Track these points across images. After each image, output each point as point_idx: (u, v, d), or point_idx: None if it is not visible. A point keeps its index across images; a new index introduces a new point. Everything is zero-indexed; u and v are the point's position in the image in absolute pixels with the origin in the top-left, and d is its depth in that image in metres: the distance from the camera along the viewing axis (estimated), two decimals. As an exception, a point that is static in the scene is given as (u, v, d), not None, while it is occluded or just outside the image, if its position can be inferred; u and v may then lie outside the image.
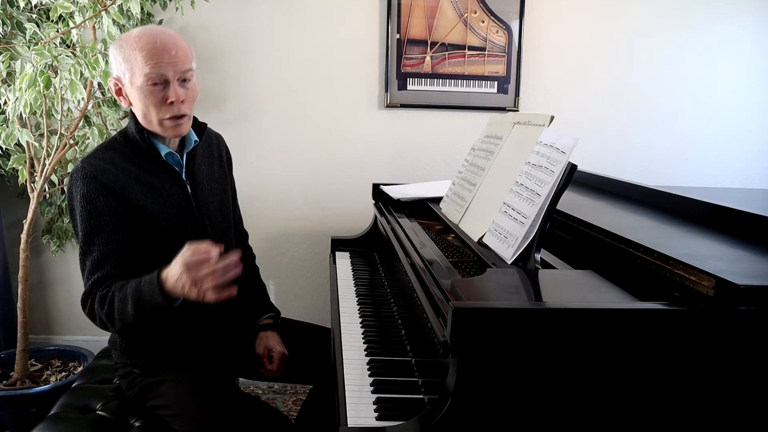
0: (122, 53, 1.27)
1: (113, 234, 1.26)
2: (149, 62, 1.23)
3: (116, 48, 1.28)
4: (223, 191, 1.52)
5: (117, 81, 1.31)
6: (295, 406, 2.32)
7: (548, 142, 1.15)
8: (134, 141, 1.33)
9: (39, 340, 2.53)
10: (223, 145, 1.59)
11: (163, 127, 1.30)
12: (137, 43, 1.25)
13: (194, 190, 1.40)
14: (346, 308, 1.49)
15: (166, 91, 1.26)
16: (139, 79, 1.25)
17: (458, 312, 0.81)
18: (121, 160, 1.31)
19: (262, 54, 2.42)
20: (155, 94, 1.26)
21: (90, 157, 1.30)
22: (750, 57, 2.57)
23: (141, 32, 1.27)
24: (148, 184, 1.32)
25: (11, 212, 2.44)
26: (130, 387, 1.39)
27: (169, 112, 1.28)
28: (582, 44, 2.51)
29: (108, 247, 1.25)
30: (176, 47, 1.26)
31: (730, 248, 1.06)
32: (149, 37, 1.25)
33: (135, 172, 1.31)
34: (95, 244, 1.25)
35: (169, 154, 1.36)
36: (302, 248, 2.57)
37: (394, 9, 2.39)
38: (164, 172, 1.36)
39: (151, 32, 1.27)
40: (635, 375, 0.84)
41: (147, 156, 1.34)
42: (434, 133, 2.52)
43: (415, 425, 0.82)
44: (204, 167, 1.46)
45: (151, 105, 1.27)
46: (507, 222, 1.17)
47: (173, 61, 1.25)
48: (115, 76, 1.31)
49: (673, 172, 2.63)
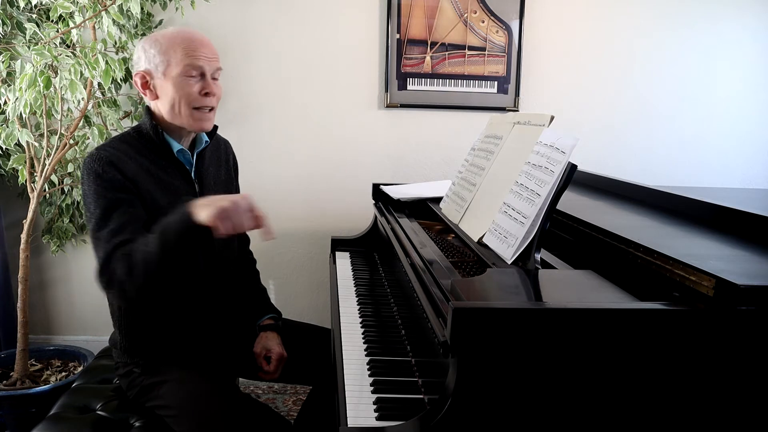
0: (158, 46, 1.32)
1: (129, 208, 1.26)
2: (190, 54, 1.31)
3: (149, 42, 1.33)
4: (228, 194, 1.53)
5: (146, 74, 1.35)
6: (295, 406, 2.32)
7: (548, 142, 1.15)
8: (147, 136, 1.35)
9: (39, 340, 2.53)
10: (230, 151, 1.62)
11: (193, 118, 1.34)
12: (176, 37, 1.32)
13: (202, 189, 1.42)
14: (346, 308, 1.49)
15: (202, 83, 1.34)
16: (176, 69, 1.31)
17: (458, 312, 0.81)
18: (134, 153, 1.33)
19: (262, 54, 2.42)
20: (192, 84, 1.33)
21: (104, 146, 1.31)
22: (750, 57, 2.57)
23: (178, 29, 1.36)
24: (159, 178, 1.33)
25: (11, 212, 2.44)
26: (131, 387, 1.39)
27: (202, 102, 1.34)
28: (582, 44, 2.51)
29: (125, 218, 1.25)
30: (210, 46, 1.36)
31: (730, 248, 1.06)
32: (188, 34, 1.34)
33: (147, 166, 1.33)
34: (112, 218, 1.24)
35: (181, 152, 1.38)
36: (302, 248, 2.57)
37: (394, 9, 2.39)
38: (175, 169, 1.37)
39: (188, 30, 1.37)
40: (635, 375, 0.84)
41: (159, 151, 1.36)
42: (434, 133, 2.52)
43: (415, 425, 0.82)
44: (212, 169, 1.48)
45: (186, 95, 1.32)
46: (507, 222, 1.17)
47: (210, 57, 1.35)
48: (143, 70, 1.34)
49: (673, 172, 2.63)
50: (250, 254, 1.69)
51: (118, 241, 1.21)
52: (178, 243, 1.16)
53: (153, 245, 1.16)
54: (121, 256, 1.19)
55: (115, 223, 1.23)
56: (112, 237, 1.22)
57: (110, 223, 1.24)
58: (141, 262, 1.17)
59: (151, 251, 1.16)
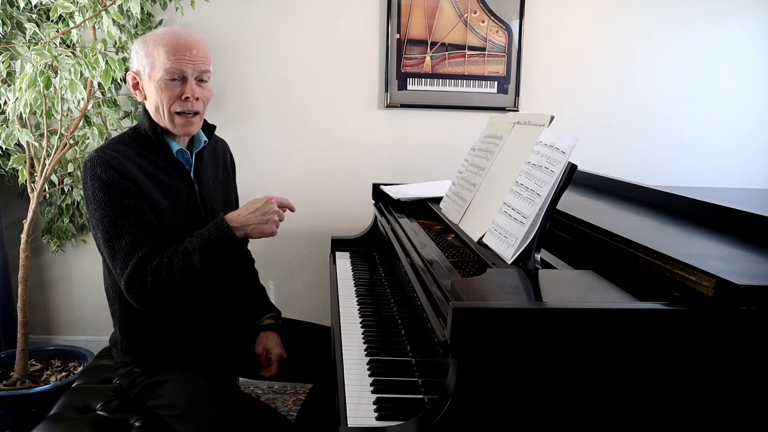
0: (145, 48, 1.31)
1: (141, 216, 1.26)
2: (171, 57, 1.29)
3: (140, 43, 1.33)
4: (227, 194, 1.54)
5: (136, 75, 1.35)
6: (295, 406, 2.32)
7: (548, 142, 1.15)
8: (146, 136, 1.35)
9: (39, 340, 2.53)
10: (227, 151, 1.62)
11: (174, 123, 1.33)
12: (161, 39, 1.30)
13: (201, 189, 1.42)
14: (346, 308, 1.49)
15: (183, 87, 1.32)
16: (159, 73, 1.30)
17: (458, 312, 0.81)
18: (133, 154, 1.32)
19: (262, 54, 2.42)
20: (172, 88, 1.31)
21: (103, 148, 1.31)
22: (750, 57, 2.57)
23: (167, 30, 1.34)
24: (158, 179, 1.33)
25: (11, 212, 2.44)
26: (131, 386, 1.39)
27: (183, 107, 1.32)
28: (582, 44, 2.51)
29: (139, 227, 1.25)
30: (198, 48, 1.33)
31: (730, 248, 1.06)
32: (173, 36, 1.32)
33: (146, 167, 1.32)
34: (124, 227, 1.25)
35: (180, 152, 1.38)
36: (302, 248, 2.57)
37: (394, 9, 2.39)
38: (174, 169, 1.37)
39: (177, 31, 1.34)
40: (635, 375, 0.84)
41: (158, 152, 1.36)
42: (434, 133, 2.52)
43: (415, 425, 0.82)
44: (210, 169, 1.48)
45: (166, 99, 1.31)
46: (507, 222, 1.17)
47: (193, 59, 1.31)
48: (134, 70, 1.35)
49: (673, 172, 2.63)
50: (248, 254, 1.69)
51: (141, 254, 1.24)
52: (221, 259, 1.25)
53: (197, 261, 1.23)
54: (154, 270, 1.23)
55: (131, 234, 1.24)
56: (133, 250, 1.24)
57: (124, 233, 1.24)
58: (180, 273, 1.23)
59: (194, 267, 1.23)
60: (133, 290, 1.24)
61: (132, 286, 1.24)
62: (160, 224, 1.31)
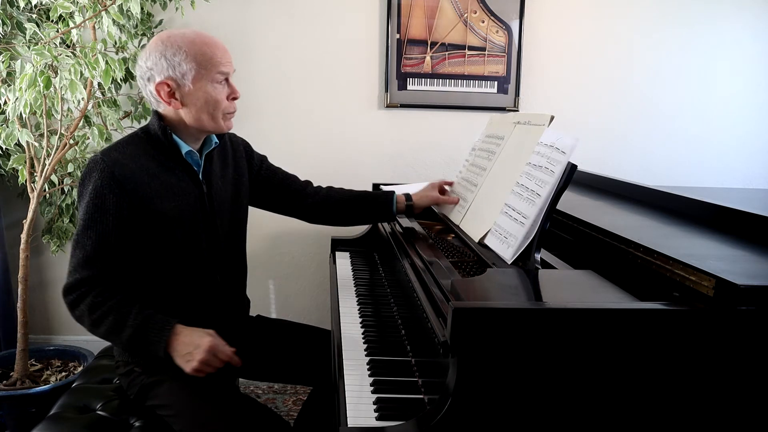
0: (182, 54, 1.28)
1: (110, 236, 1.26)
2: (222, 59, 1.32)
3: (172, 49, 1.28)
4: (236, 192, 1.52)
5: (169, 82, 1.29)
6: (295, 406, 2.32)
7: (548, 142, 1.15)
8: (156, 138, 1.34)
9: (39, 340, 2.53)
10: (243, 149, 1.61)
11: (225, 121, 1.37)
12: (199, 41, 1.30)
13: (209, 190, 1.42)
14: (346, 308, 1.49)
15: (229, 88, 1.36)
16: (208, 76, 1.30)
17: (458, 312, 0.81)
18: (141, 156, 1.32)
19: (262, 54, 2.42)
20: (220, 91, 1.33)
21: (110, 150, 1.31)
22: (750, 57, 2.57)
23: (197, 34, 1.32)
24: (165, 181, 1.33)
25: (11, 212, 2.44)
26: (131, 386, 1.39)
27: (232, 106, 1.38)
28: (582, 44, 2.51)
29: (102, 246, 1.26)
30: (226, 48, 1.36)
31: (730, 248, 1.06)
32: (209, 38, 1.32)
33: (153, 169, 1.32)
34: (90, 238, 1.26)
35: (189, 153, 1.37)
36: (302, 248, 2.57)
37: (394, 9, 2.39)
38: (182, 170, 1.37)
39: (206, 34, 1.34)
40: (635, 375, 0.84)
41: (167, 153, 1.35)
42: (434, 133, 2.52)
43: (415, 425, 0.82)
44: (218, 169, 1.47)
45: (220, 100, 1.33)
46: (507, 222, 1.17)
47: (230, 60, 1.35)
48: (165, 78, 1.29)
49: (673, 172, 2.63)
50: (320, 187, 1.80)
51: (85, 276, 1.27)
52: (144, 351, 1.27)
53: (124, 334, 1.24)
54: (91, 305, 1.26)
55: (90, 247, 1.26)
56: (83, 266, 1.27)
57: (87, 243, 1.26)
58: (106, 329, 1.26)
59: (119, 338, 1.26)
60: (67, 300, 1.29)
61: (68, 295, 1.29)
62: (163, 227, 1.31)
